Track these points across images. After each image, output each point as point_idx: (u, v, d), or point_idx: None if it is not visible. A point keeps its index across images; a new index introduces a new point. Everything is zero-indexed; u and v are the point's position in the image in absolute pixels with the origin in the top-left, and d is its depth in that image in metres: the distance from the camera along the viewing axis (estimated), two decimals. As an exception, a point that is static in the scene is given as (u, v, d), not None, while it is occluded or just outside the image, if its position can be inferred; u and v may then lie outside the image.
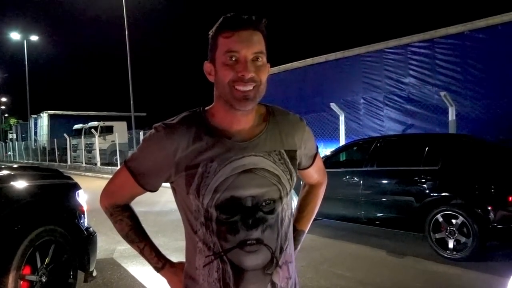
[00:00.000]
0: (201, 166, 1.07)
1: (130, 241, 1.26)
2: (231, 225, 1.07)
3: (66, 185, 3.71)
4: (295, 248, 1.30)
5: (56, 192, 3.60)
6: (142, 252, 1.26)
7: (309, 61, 13.10)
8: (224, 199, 1.06)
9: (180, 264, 1.25)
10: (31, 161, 30.46)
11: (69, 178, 3.90)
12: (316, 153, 1.34)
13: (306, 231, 1.40)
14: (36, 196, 3.38)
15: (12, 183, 3.20)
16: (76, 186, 3.74)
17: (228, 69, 1.05)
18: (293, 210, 1.26)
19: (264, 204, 1.09)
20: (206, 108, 1.17)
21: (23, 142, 36.06)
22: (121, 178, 1.21)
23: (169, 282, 1.27)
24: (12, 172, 3.51)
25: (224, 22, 1.07)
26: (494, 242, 4.80)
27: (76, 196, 3.67)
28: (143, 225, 1.30)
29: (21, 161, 32.58)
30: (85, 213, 3.73)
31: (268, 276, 1.10)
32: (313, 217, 1.42)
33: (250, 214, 1.08)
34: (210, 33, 1.11)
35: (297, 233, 1.35)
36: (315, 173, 1.38)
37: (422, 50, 10.13)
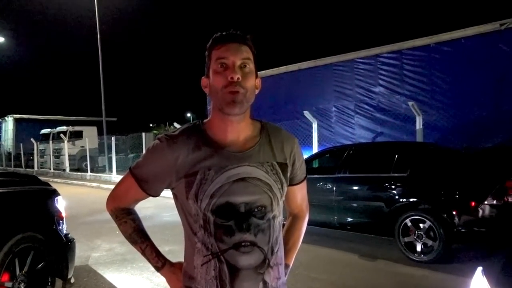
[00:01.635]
0: (199, 174, 1.18)
1: (133, 242, 1.35)
2: (226, 228, 1.18)
3: (44, 191, 3.70)
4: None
5: (34, 198, 3.58)
6: (143, 252, 1.35)
7: (282, 69, 13.31)
8: (220, 204, 1.18)
9: (179, 264, 1.34)
10: (-5, 167, 29.34)
11: (47, 184, 3.88)
12: (306, 177, 1.44)
13: (291, 265, 1.44)
14: (14, 203, 3.36)
15: (-9, 189, 3.18)
16: (54, 192, 3.74)
17: (219, 76, 1.18)
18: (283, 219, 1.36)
19: (256, 210, 1.20)
20: (204, 121, 1.29)
21: (-14, 147, 34.71)
22: (126, 184, 1.31)
23: (169, 281, 1.36)
24: (-9, 179, 3.47)
25: (215, 38, 1.22)
26: (459, 245, 5.07)
27: (55, 203, 3.66)
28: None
29: (-16, 166, 31.33)
30: (64, 219, 3.72)
31: (260, 275, 1.21)
32: (296, 251, 1.46)
33: (243, 218, 1.19)
34: (206, 52, 1.24)
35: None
36: (300, 197, 1.45)
37: (391, 61, 10.50)
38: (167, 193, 1.36)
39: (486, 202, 4.61)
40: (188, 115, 52.16)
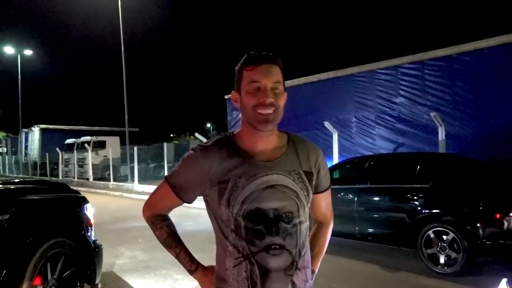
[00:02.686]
0: (231, 181, 1.28)
1: (168, 247, 1.44)
2: (257, 232, 1.26)
3: (74, 199, 3.84)
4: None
5: (65, 205, 3.73)
6: (178, 256, 1.44)
7: (302, 79, 13.39)
8: (250, 210, 1.26)
9: (211, 267, 1.42)
10: (21, 176, 30.16)
11: (77, 192, 4.03)
12: (330, 186, 1.51)
13: (316, 270, 1.50)
14: (46, 209, 3.50)
15: (27, 196, 3.33)
16: (84, 200, 3.88)
17: (252, 97, 1.28)
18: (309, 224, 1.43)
19: (284, 215, 1.28)
20: (234, 132, 1.39)
21: (13, 156, 35.74)
22: (162, 192, 1.41)
23: (201, 284, 1.44)
24: (25, 186, 3.63)
25: (247, 58, 1.32)
26: (484, 258, 4.99)
27: (84, 210, 3.80)
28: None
29: (11, 175, 32.25)
30: (93, 226, 3.85)
31: (289, 276, 1.28)
32: (322, 257, 1.52)
33: (272, 223, 1.27)
34: (236, 67, 1.34)
35: None
36: (323, 205, 1.52)
37: (412, 72, 10.46)
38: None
39: (511, 214, 4.55)
40: (208, 125, 52.67)
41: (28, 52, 34.69)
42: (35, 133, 32.62)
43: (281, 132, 1.40)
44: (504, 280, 2.20)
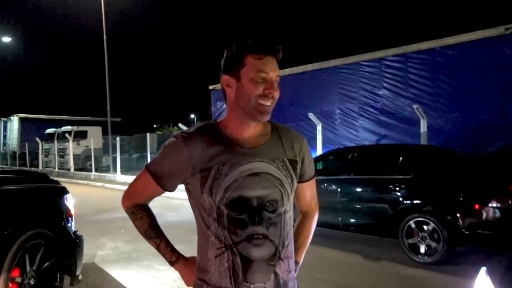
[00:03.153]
0: (213, 169, 1.25)
1: (148, 237, 1.41)
2: (239, 221, 1.24)
3: (54, 189, 3.76)
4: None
5: (45, 195, 3.64)
6: (158, 247, 1.41)
7: (287, 71, 13.33)
8: (233, 198, 1.23)
9: (192, 258, 1.40)
10: (0, 166, 29.51)
11: (57, 182, 3.94)
12: (314, 175, 1.49)
13: (300, 262, 1.48)
14: (25, 200, 3.42)
15: (3, 186, 3.24)
16: (64, 190, 3.80)
17: (257, 85, 1.25)
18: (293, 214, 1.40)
19: (268, 204, 1.26)
20: (218, 120, 1.36)
21: (-9, 146, 34.90)
22: (143, 180, 1.37)
23: (183, 275, 1.42)
24: (3, 176, 3.54)
25: (256, 45, 1.27)
26: (463, 247, 5.09)
27: (64, 200, 3.72)
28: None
29: (-11, 165, 31.51)
30: (73, 217, 3.78)
31: (272, 267, 1.26)
32: (306, 248, 1.51)
33: (256, 212, 1.24)
34: (233, 50, 1.28)
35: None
36: (309, 195, 1.50)
37: (396, 64, 10.52)
38: (171, 194, 1.41)
39: (490, 205, 4.65)
40: (192, 116, 52.31)
41: (6, 39, 33.72)
42: (14, 122, 31.87)
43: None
44: (484, 269, 2.24)
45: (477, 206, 4.72)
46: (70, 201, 3.79)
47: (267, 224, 1.25)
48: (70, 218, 3.72)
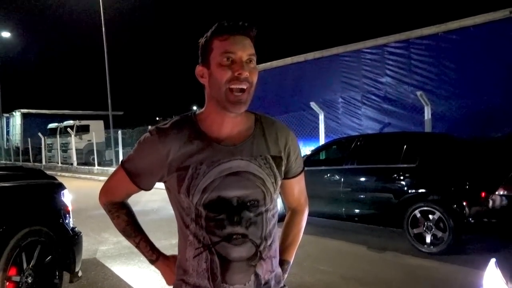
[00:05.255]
0: (191, 168, 1.15)
1: (127, 236, 1.34)
2: (218, 222, 1.16)
3: (51, 185, 3.69)
4: (283, 278, 1.33)
5: (41, 192, 3.57)
6: (137, 246, 1.34)
7: (288, 60, 13.19)
8: (211, 199, 1.15)
9: (173, 257, 1.33)
10: (3, 161, 29.59)
11: (54, 178, 3.87)
12: (303, 170, 1.39)
13: (291, 261, 1.40)
14: (20, 196, 3.35)
15: (-3, 183, 3.17)
16: (61, 186, 3.72)
17: (225, 69, 1.13)
18: (278, 210, 1.31)
19: (248, 204, 1.17)
20: (197, 113, 1.25)
21: (-6, 142, 34.99)
22: (118, 177, 1.29)
23: (163, 274, 1.35)
24: (-3, 173, 3.46)
25: (220, 26, 1.15)
26: (469, 236, 5.01)
27: (61, 196, 3.65)
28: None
29: (-7, 161, 31.61)
30: (70, 213, 3.71)
31: (252, 267, 1.18)
32: (297, 246, 1.43)
33: (235, 212, 1.16)
34: (203, 38, 1.18)
35: (283, 264, 1.35)
36: (297, 191, 1.40)
37: (398, 51, 10.35)
38: None
39: (497, 193, 4.54)
40: (194, 108, 52.23)
41: (6, 34, 33.61)
42: (17, 118, 31.89)
43: (248, 112, 1.24)
44: (493, 260, 2.16)
45: (483, 194, 4.62)
46: (67, 197, 3.72)
47: (247, 224, 1.17)
48: (67, 215, 3.65)
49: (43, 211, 3.49)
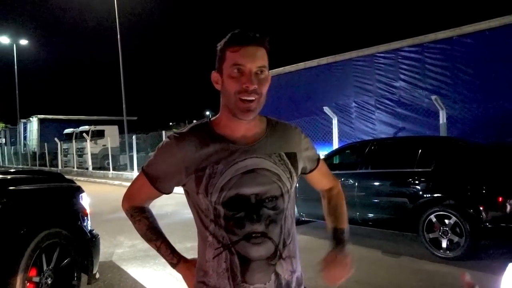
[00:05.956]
0: (208, 168, 1.19)
1: (148, 240, 1.38)
2: (237, 220, 1.18)
3: (70, 188, 3.76)
4: (344, 246, 1.41)
5: (60, 195, 3.65)
6: (158, 250, 1.37)
7: (301, 65, 13.21)
8: (229, 196, 1.18)
9: (194, 260, 1.35)
10: (20, 166, 30.12)
11: (72, 181, 3.95)
12: (319, 158, 1.45)
13: (347, 226, 1.45)
14: (41, 199, 3.43)
15: (18, 186, 3.25)
16: (79, 189, 3.80)
17: (234, 81, 1.17)
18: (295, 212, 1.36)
19: (267, 201, 1.20)
20: (212, 119, 1.30)
21: (12, 147, 35.64)
22: (139, 183, 1.33)
23: (184, 277, 1.38)
24: (18, 176, 3.55)
25: (232, 37, 1.19)
26: (486, 241, 4.94)
27: (80, 199, 3.72)
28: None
29: (10, 166, 32.20)
30: (89, 215, 3.78)
31: (272, 266, 1.20)
32: (346, 214, 1.49)
33: (254, 210, 1.19)
34: (219, 46, 1.22)
35: (339, 232, 1.42)
36: (323, 177, 1.50)
37: (412, 55, 10.30)
38: None
39: (514, 197, 4.48)
40: (207, 113, 52.50)
41: (24, 41, 34.35)
42: (34, 123, 32.48)
43: (260, 116, 1.30)
44: (511, 265, 2.14)
45: (500, 199, 4.57)
46: (85, 200, 3.79)
47: (267, 222, 1.19)
48: (85, 217, 3.72)
49: (63, 214, 3.56)
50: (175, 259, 1.37)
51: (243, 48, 1.16)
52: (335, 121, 9.45)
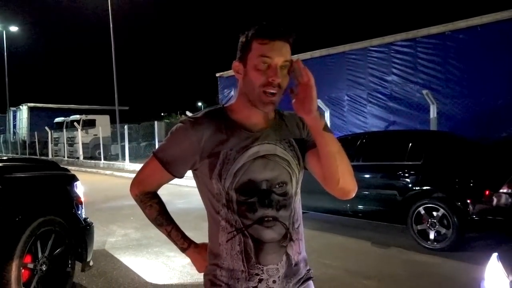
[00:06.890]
0: (222, 154, 1.24)
1: (159, 225, 1.41)
2: (249, 205, 1.23)
3: (64, 176, 3.78)
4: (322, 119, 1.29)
5: (55, 183, 3.67)
6: (169, 235, 1.41)
7: (294, 57, 13.20)
8: (242, 182, 1.22)
9: (204, 244, 1.40)
10: (10, 155, 29.82)
11: (66, 169, 3.97)
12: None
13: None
14: (36, 187, 3.45)
15: (14, 174, 3.27)
16: (74, 178, 3.82)
17: (260, 74, 1.20)
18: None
19: (277, 186, 1.26)
20: (226, 105, 1.34)
21: (1, 135, 35.25)
22: (151, 168, 1.36)
23: (194, 261, 1.42)
24: (13, 164, 3.56)
25: (261, 30, 1.22)
26: (472, 233, 5.06)
27: (74, 187, 3.75)
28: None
29: (0, 154, 31.89)
30: (83, 204, 3.81)
31: (283, 248, 1.26)
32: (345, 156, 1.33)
33: (265, 195, 1.24)
34: (243, 36, 1.25)
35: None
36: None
37: (405, 49, 10.39)
38: (180, 181, 1.38)
39: (500, 191, 4.59)
40: (199, 104, 52.26)
41: (13, 28, 33.80)
42: (23, 111, 32.15)
43: None
44: (495, 255, 2.22)
45: (487, 192, 4.67)
46: (79, 189, 3.82)
47: (277, 206, 1.25)
48: (80, 205, 3.75)
49: (57, 202, 3.58)
50: (186, 243, 1.41)
51: (272, 41, 1.19)
52: (327, 114, 9.55)
